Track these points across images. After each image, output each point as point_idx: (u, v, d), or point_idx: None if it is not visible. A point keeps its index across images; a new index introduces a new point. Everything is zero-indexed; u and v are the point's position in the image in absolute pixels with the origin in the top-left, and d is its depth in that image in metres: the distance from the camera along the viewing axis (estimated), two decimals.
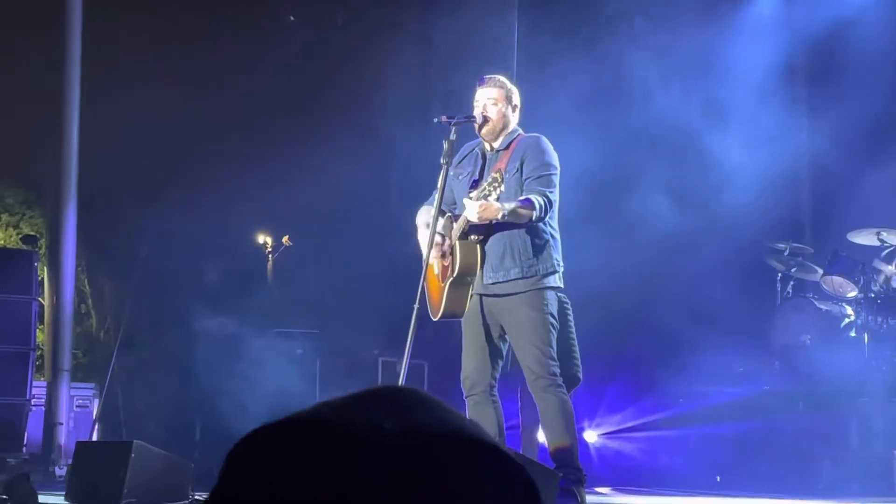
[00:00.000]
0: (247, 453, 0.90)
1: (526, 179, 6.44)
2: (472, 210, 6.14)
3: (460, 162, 6.73)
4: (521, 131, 6.67)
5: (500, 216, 6.19)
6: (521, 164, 6.46)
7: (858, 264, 10.32)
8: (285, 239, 13.31)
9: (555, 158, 6.57)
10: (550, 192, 6.41)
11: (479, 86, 6.68)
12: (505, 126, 6.62)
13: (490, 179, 6.12)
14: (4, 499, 5.49)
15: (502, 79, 6.77)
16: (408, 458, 0.87)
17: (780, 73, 11.51)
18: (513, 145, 6.57)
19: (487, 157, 6.65)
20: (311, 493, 0.85)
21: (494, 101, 6.59)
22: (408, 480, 0.86)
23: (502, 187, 6.11)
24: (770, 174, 11.53)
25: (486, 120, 6.56)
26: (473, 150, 6.76)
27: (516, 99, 6.70)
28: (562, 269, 6.57)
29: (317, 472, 0.86)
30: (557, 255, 6.56)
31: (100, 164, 12.37)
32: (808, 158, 12.71)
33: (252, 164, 13.61)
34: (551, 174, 6.49)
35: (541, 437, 7.14)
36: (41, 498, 6.86)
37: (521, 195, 6.36)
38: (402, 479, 0.86)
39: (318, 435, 0.88)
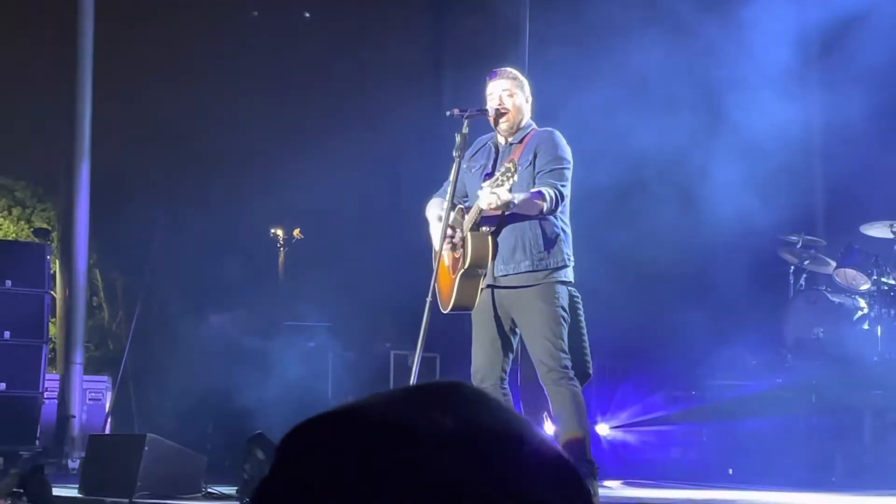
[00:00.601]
0: (301, 445, 0.88)
1: (538, 173, 6.43)
2: (485, 199, 6.13)
3: (473, 155, 6.72)
4: (534, 125, 6.66)
5: (510, 206, 6.17)
6: (534, 158, 6.45)
7: (872, 257, 10.29)
8: (297, 232, 13.32)
9: (568, 153, 6.55)
10: (562, 186, 6.40)
11: (491, 79, 6.67)
12: (521, 118, 6.61)
13: (503, 169, 6.11)
14: (20, 492, 5.50)
15: (514, 71, 6.76)
16: (470, 460, 0.85)
17: (792, 64, 11.47)
18: (526, 139, 6.57)
19: (501, 150, 6.64)
20: (365, 490, 0.83)
21: (510, 93, 6.58)
22: (470, 484, 0.84)
23: (515, 177, 6.10)
24: (783, 166, 11.49)
25: (503, 112, 6.54)
26: (486, 143, 6.75)
27: (528, 91, 6.69)
28: (573, 264, 6.56)
29: (373, 468, 0.84)
30: (568, 250, 6.55)
31: (112, 157, 12.39)
32: (821, 150, 12.68)
33: (264, 159, 13.62)
34: (564, 168, 6.48)
35: (547, 429, 7.12)
36: (55, 490, 6.88)
37: (533, 188, 6.35)
38: (463, 482, 0.84)
39: (375, 430, 0.86)
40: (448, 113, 6.66)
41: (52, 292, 11.10)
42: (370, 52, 13.74)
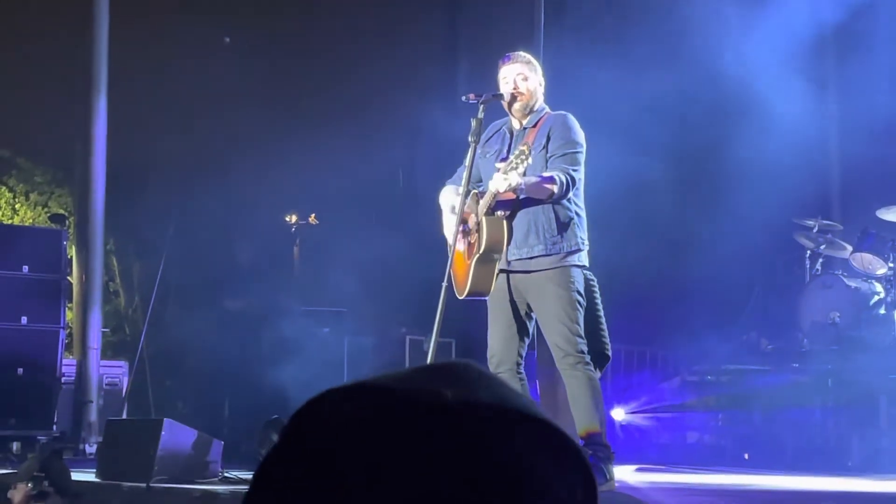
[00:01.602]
0: (312, 414, 0.91)
1: (550, 157, 6.42)
2: (498, 181, 6.13)
3: (488, 140, 6.72)
4: (547, 109, 6.65)
5: (519, 185, 6.15)
6: (547, 141, 6.45)
7: (888, 241, 10.27)
8: (312, 218, 13.33)
9: (581, 136, 6.54)
10: (574, 171, 6.39)
11: (504, 63, 6.66)
12: (535, 101, 6.61)
13: (518, 152, 6.11)
14: (41, 476, 5.53)
15: (527, 55, 6.76)
16: (469, 427, 0.87)
17: (809, 47, 11.43)
18: (540, 123, 6.56)
19: (515, 134, 6.64)
20: (372, 455, 0.86)
21: (524, 77, 6.58)
22: (468, 449, 0.86)
23: (530, 159, 6.09)
24: (799, 151, 11.47)
25: (517, 96, 6.54)
26: (501, 128, 6.75)
27: (541, 75, 6.69)
28: (587, 247, 6.55)
29: (378, 435, 0.86)
30: (583, 234, 6.54)
31: (129, 143, 12.41)
32: (838, 134, 12.65)
33: (279, 144, 13.63)
34: (576, 152, 6.47)
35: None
36: (72, 475, 6.90)
37: (546, 172, 6.34)
38: (462, 447, 0.86)
39: (381, 400, 0.89)
40: (463, 98, 6.66)
41: (68, 278, 11.13)
42: (385, 38, 13.73)
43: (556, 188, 6.25)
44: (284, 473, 0.91)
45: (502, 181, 6.10)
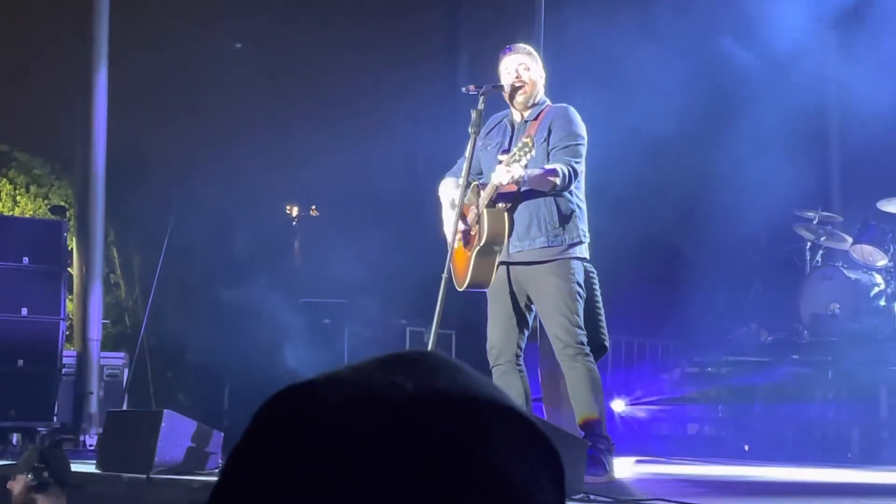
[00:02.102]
0: (274, 411, 0.91)
1: (552, 149, 6.42)
2: (501, 173, 6.12)
3: (488, 133, 6.71)
4: (548, 101, 6.64)
5: (521, 178, 6.15)
6: (549, 134, 6.44)
7: (888, 233, 10.27)
8: (313, 209, 13.34)
9: (582, 129, 6.54)
10: (576, 163, 6.39)
11: (506, 54, 6.66)
12: (536, 93, 6.60)
13: (521, 145, 6.10)
14: (41, 466, 5.54)
15: (528, 46, 6.75)
16: (425, 418, 0.87)
17: (809, 37, 11.42)
18: (541, 115, 6.55)
19: (516, 126, 6.63)
20: (332, 452, 0.86)
21: (526, 67, 6.58)
22: (425, 440, 0.86)
23: (533, 152, 6.09)
24: (799, 142, 11.46)
25: (519, 87, 6.53)
26: (502, 120, 6.74)
27: (541, 66, 6.68)
28: (588, 240, 6.56)
29: (337, 429, 0.86)
30: (583, 226, 6.54)
31: (129, 134, 12.41)
32: (838, 125, 12.64)
33: (280, 136, 13.63)
34: (578, 144, 6.47)
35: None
36: (72, 466, 6.91)
37: (547, 164, 6.34)
38: (418, 439, 0.86)
39: (341, 394, 0.89)
40: (464, 89, 6.64)
41: (68, 269, 11.14)
42: (386, 30, 13.72)
43: (558, 180, 6.25)
44: (245, 474, 0.92)
45: (505, 174, 6.10)
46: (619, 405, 11.23)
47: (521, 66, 6.57)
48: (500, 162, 6.20)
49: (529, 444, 0.92)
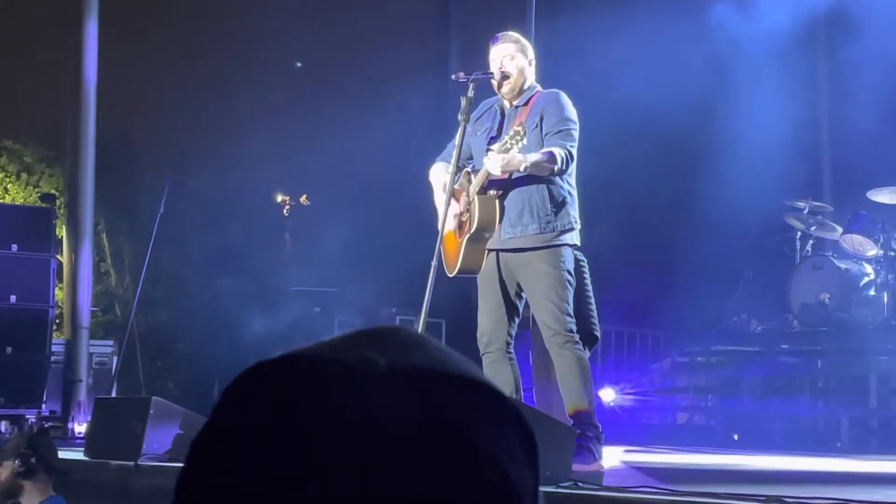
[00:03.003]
0: (243, 386, 0.90)
1: (546, 134, 6.40)
2: (495, 163, 6.10)
3: (479, 118, 6.70)
4: (539, 87, 6.63)
5: (522, 168, 6.15)
6: (541, 120, 6.43)
7: (878, 222, 10.27)
8: (303, 198, 13.33)
9: (574, 113, 6.53)
10: (571, 146, 6.38)
11: (493, 44, 6.64)
12: (524, 81, 6.58)
13: (512, 133, 6.08)
14: (28, 452, 5.53)
15: (515, 34, 6.73)
16: (398, 393, 0.86)
17: (800, 27, 11.41)
18: (532, 101, 6.54)
19: (506, 112, 6.61)
20: (301, 426, 0.85)
21: (511, 57, 6.55)
22: (396, 416, 0.86)
23: (524, 140, 6.07)
24: (789, 132, 11.46)
25: (505, 76, 6.51)
26: (492, 106, 6.72)
27: (531, 53, 6.66)
28: (579, 227, 6.54)
29: (308, 405, 0.85)
30: (575, 213, 6.53)
31: (121, 122, 12.39)
32: (829, 116, 12.64)
33: (270, 125, 13.61)
34: (571, 128, 6.45)
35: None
36: (60, 454, 6.90)
37: (543, 149, 6.32)
38: (391, 414, 0.86)
39: (314, 369, 0.88)
40: (454, 76, 6.63)
41: (58, 257, 11.12)
42: (376, 18, 13.70)
43: (556, 166, 6.23)
44: (214, 451, 0.91)
45: (498, 162, 6.08)
46: (608, 394, 11.23)
47: (507, 58, 6.55)
48: (491, 150, 6.18)
49: (506, 421, 0.91)
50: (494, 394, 0.91)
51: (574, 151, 6.39)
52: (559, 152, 6.24)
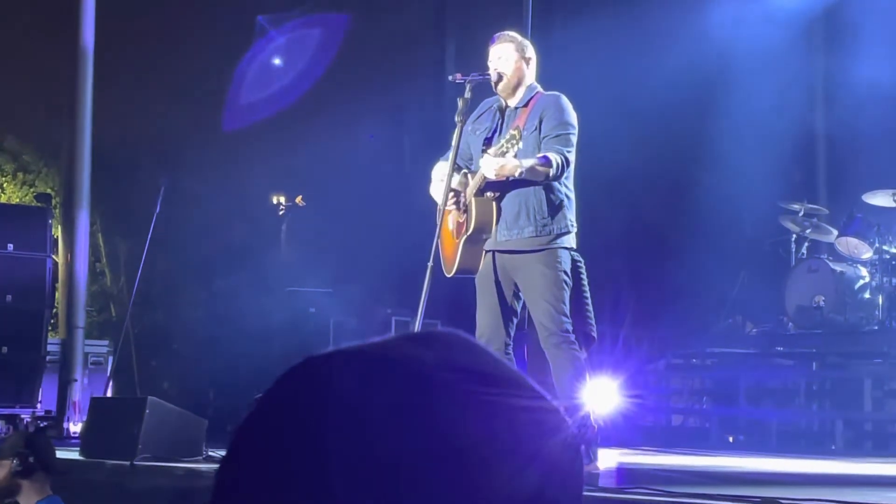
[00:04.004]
0: (293, 381, 0.91)
1: (544, 138, 6.40)
2: (490, 166, 6.11)
3: (479, 118, 6.70)
4: (539, 88, 6.62)
5: (517, 173, 6.16)
6: (540, 122, 6.43)
7: (874, 225, 10.28)
8: (299, 199, 13.34)
9: (574, 118, 6.52)
10: (568, 151, 6.38)
11: (490, 45, 6.66)
12: (520, 80, 6.57)
13: (508, 136, 6.09)
14: (26, 452, 5.52)
15: (513, 34, 6.74)
16: (445, 389, 0.87)
17: (797, 31, 11.43)
18: (532, 103, 6.53)
19: (506, 114, 6.61)
20: (353, 419, 0.86)
21: (506, 57, 6.56)
22: (443, 412, 0.86)
23: (520, 144, 6.07)
24: (785, 135, 11.48)
25: (500, 76, 6.52)
26: (492, 106, 6.72)
27: (530, 52, 6.65)
28: (576, 230, 6.55)
29: (360, 400, 0.87)
30: (571, 216, 6.53)
31: (118, 123, 12.38)
32: (824, 119, 12.65)
33: (268, 126, 13.61)
34: (569, 133, 6.45)
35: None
36: (56, 453, 6.90)
37: (539, 153, 6.33)
38: (437, 410, 0.86)
39: (364, 366, 0.89)
40: (450, 78, 6.64)
41: (53, 257, 11.11)
42: (373, 20, 13.71)
43: (551, 171, 6.23)
44: (267, 438, 0.92)
45: (493, 166, 6.08)
46: (604, 397, 11.21)
47: (500, 59, 6.55)
48: (487, 153, 6.18)
49: (549, 424, 0.92)
50: (549, 411, 0.92)
51: (571, 157, 6.39)
52: (555, 158, 6.24)
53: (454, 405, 0.87)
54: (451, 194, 6.50)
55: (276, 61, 13.90)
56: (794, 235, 11.14)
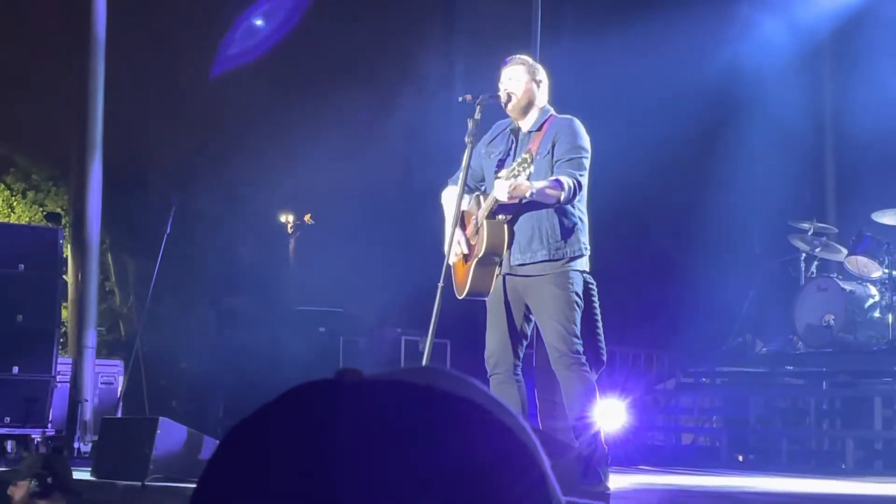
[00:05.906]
0: (284, 407, 0.93)
1: (557, 161, 6.41)
2: (502, 189, 6.12)
3: (493, 140, 6.71)
4: (552, 111, 6.63)
5: (528, 195, 6.17)
6: (553, 146, 6.44)
7: (883, 244, 10.29)
8: (308, 217, 13.35)
9: (587, 141, 6.53)
10: (581, 175, 6.39)
11: (503, 66, 6.67)
12: (531, 102, 6.58)
13: (520, 160, 6.10)
14: (44, 472, 5.53)
15: (525, 57, 6.75)
16: (464, 407, 0.90)
17: (805, 49, 11.45)
18: (545, 126, 6.54)
19: (520, 137, 6.62)
20: (327, 446, 0.88)
21: (517, 79, 6.58)
22: (463, 431, 0.88)
23: (532, 168, 6.08)
24: (794, 153, 11.49)
25: (510, 96, 6.53)
26: (505, 129, 6.72)
27: (541, 75, 6.66)
28: (588, 253, 6.55)
29: (349, 424, 0.89)
30: (585, 239, 6.54)
31: (127, 142, 12.41)
32: (833, 138, 12.66)
33: (277, 145, 13.64)
34: (582, 157, 6.46)
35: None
36: None
37: (552, 177, 6.34)
38: (458, 429, 0.88)
39: (353, 392, 0.92)
40: (460, 98, 6.65)
41: (64, 276, 11.13)
42: (381, 38, 13.74)
43: (563, 194, 6.24)
44: (258, 445, 0.93)
45: (505, 189, 6.09)
46: (614, 417, 11.21)
47: (511, 80, 6.57)
48: (499, 176, 6.19)
49: (516, 463, 0.93)
50: (515, 442, 0.93)
51: (584, 180, 6.40)
52: (567, 181, 6.25)
53: (474, 424, 0.89)
54: (458, 243, 6.51)
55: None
56: (804, 254, 11.14)
